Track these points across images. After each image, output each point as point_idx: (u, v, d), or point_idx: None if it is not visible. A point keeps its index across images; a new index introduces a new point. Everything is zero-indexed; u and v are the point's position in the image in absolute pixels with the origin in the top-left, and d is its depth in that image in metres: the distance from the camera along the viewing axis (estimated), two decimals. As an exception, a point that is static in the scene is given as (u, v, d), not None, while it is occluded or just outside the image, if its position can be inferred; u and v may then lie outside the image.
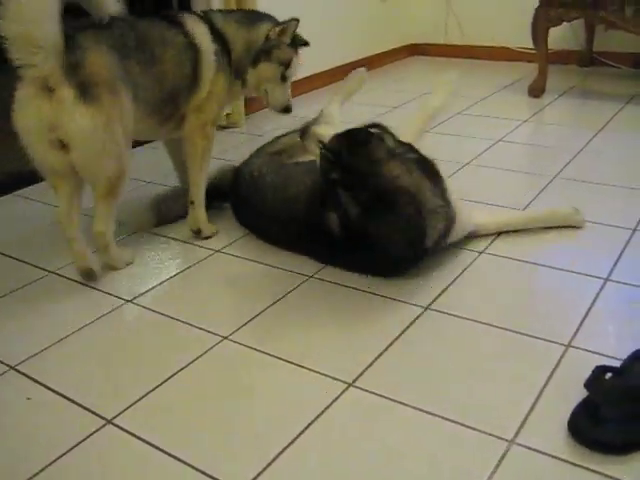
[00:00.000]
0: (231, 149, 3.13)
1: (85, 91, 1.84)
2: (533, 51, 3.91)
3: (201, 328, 1.79)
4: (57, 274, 2.13)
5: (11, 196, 2.83)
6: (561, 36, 4.26)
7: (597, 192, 2.48)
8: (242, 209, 2.34)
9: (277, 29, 2.29)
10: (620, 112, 3.41)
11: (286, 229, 2.13)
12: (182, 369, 1.62)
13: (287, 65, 2.33)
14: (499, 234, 2.18)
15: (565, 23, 3.73)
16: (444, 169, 2.01)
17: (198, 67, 2.19)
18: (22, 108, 1.86)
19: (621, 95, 3.70)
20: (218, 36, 2.25)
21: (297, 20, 2.30)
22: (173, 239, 2.32)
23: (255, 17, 2.37)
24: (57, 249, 2.29)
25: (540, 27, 3.70)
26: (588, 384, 1.39)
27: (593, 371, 1.41)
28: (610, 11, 3.45)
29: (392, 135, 1.92)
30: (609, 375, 1.41)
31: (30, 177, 2.89)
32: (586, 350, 1.58)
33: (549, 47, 3.78)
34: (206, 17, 2.29)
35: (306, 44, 2.39)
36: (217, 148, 3.18)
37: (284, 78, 2.35)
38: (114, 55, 1.93)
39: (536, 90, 3.80)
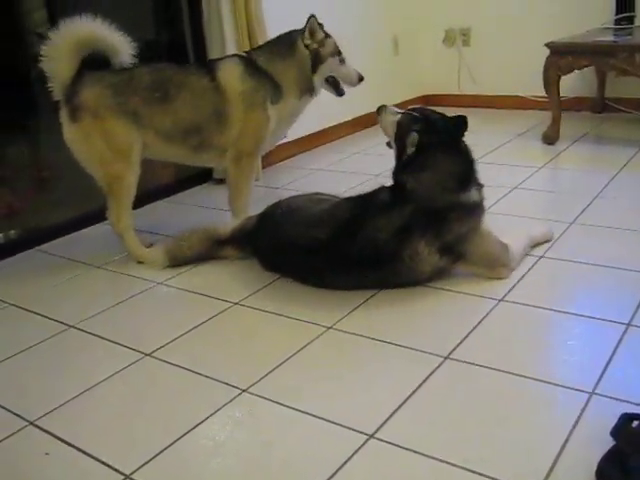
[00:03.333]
0: (251, 203, 3.13)
1: (73, 113, 2.46)
2: (546, 99, 3.93)
3: (219, 381, 1.77)
4: (76, 328, 2.13)
5: (33, 251, 2.86)
6: (573, 83, 4.29)
7: (615, 237, 2.46)
8: (267, 249, 2.37)
9: (306, 35, 2.57)
10: (634, 157, 3.40)
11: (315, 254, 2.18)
12: (201, 423, 1.60)
13: (338, 52, 2.69)
14: (518, 281, 2.16)
15: (576, 71, 3.76)
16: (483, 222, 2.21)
17: (224, 107, 2.54)
18: None
19: (635, 140, 3.70)
20: (260, 74, 2.55)
21: (312, 15, 2.58)
22: (191, 292, 2.32)
23: (286, 40, 2.63)
24: (77, 303, 2.31)
25: (551, 75, 3.73)
26: (615, 432, 1.35)
27: (619, 419, 1.38)
28: (620, 58, 3.47)
29: None
30: (636, 423, 1.37)
31: (51, 232, 2.96)
32: (611, 397, 1.55)
33: (561, 94, 3.80)
34: (248, 58, 2.58)
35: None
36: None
37: (342, 61, 2.72)
38: (107, 92, 2.47)
39: (550, 137, 3.81)
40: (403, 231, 2.08)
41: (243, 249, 2.48)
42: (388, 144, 2.33)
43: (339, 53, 2.71)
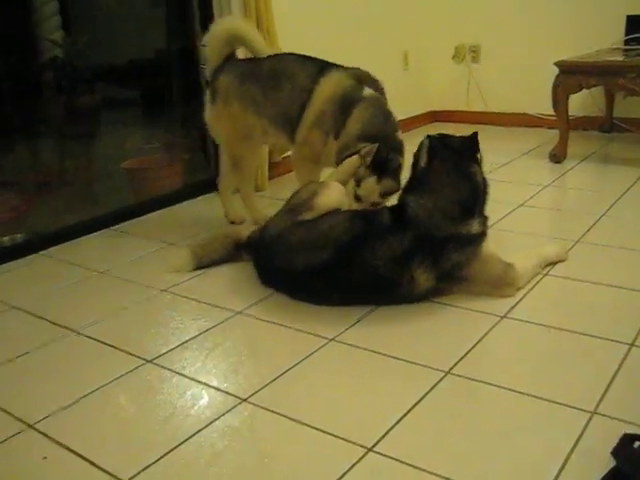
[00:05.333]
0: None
1: (212, 96, 2.84)
2: (554, 117, 3.94)
3: (219, 389, 1.77)
4: (77, 332, 2.13)
5: (38, 255, 2.87)
6: (581, 103, 4.30)
7: (620, 257, 2.46)
8: (267, 268, 2.36)
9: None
10: (642, 177, 3.40)
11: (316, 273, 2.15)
12: (200, 431, 1.60)
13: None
14: (521, 299, 2.15)
15: (585, 90, 3.77)
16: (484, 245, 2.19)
17: (304, 108, 2.64)
18: None
19: (643, 161, 3.71)
20: (346, 103, 2.56)
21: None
22: (195, 300, 2.32)
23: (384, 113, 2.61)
24: (80, 308, 2.31)
25: (560, 94, 3.74)
26: (616, 452, 1.34)
27: (621, 439, 1.37)
28: (628, 79, 3.48)
29: None
30: (637, 444, 1.36)
31: (56, 237, 2.97)
32: (612, 417, 1.54)
33: (570, 113, 3.81)
34: (358, 84, 2.60)
35: None
36: (240, 211, 3.24)
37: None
38: (236, 80, 2.77)
39: (557, 155, 3.81)
40: (402, 258, 2.07)
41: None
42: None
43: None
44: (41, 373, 1.92)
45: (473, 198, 2.16)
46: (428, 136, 2.20)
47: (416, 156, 2.22)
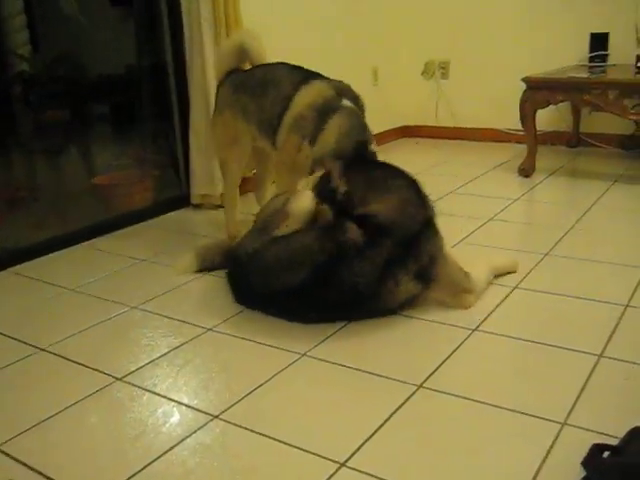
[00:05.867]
0: (224, 227, 3.14)
1: (214, 108, 3.01)
2: (522, 133, 3.99)
3: (190, 406, 1.75)
4: (46, 351, 2.10)
5: (6, 272, 2.82)
6: (549, 118, 4.37)
7: (588, 269, 2.49)
8: (242, 287, 2.34)
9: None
10: (608, 191, 3.46)
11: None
12: (170, 449, 1.58)
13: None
14: (492, 312, 2.17)
15: (552, 105, 3.83)
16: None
17: (283, 115, 2.64)
18: None
19: (608, 174, 3.77)
20: (325, 111, 2.55)
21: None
22: (165, 317, 2.30)
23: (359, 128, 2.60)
24: (49, 325, 2.27)
25: (528, 109, 3.80)
26: (586, 463, 1.35)
27: (590, 449, 1.38)
28: (594, 94, 3.54)
29: None
30: (607, 453, 1.38)
31: (26, 253, 2.93)
32: (582, 428, 1.55)
33: (537, 129, 3.86)
34: (338, 95, 2.60)
35: None
36: (213, 227, 3.24)
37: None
38: (230, 89, 2.89)
39: (526, 170, 3.86)
40: (384, 269, 2.06)
41: None
42: None
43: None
44: (8, 392, 1.89)
45: (413, 180, 2.27)
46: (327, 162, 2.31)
47: (328, 183, 2.24)
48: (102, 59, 4.61)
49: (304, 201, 2.27)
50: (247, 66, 2.98)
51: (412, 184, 2.25)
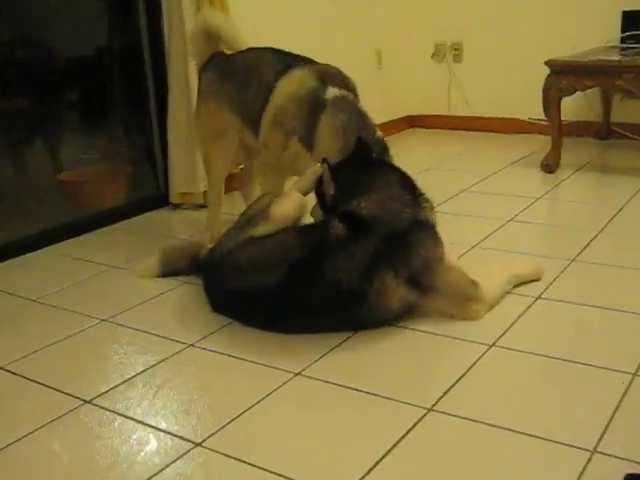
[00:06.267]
0: (206, 230, 3.14)
1: (197, 95, 3.05)
2: (545, 123, 4.00)
3: (169, 433, 1.75)
4: (4, 369, 2.09)
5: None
6: (575, 106, 4.37)
7: (620, 277, 2.49)
8: (216, 291, 2.36)
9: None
10: (643, 189, 3.47)
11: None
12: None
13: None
14: (511, 325, 2.17)
15: (579, 92, 3.84)
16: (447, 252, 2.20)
17: (263, 109, 2.67)
18: None
19: (643, 170, 3.78)
20: (312, 107, 2.54)
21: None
22: (140, 331, 2.30)
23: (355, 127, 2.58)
24: (8, 341, 2.27)
25: (552, 97, 3.80)
26: (618, 496, 1.35)
27: (623, 480, 1.38)
28: (627, 79, 3.55)
29: None
30: (641, 485, 1.38)
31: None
32: (614, 456, 1.55)
33: (563, 118, 3.87)
34: (321, 80, 2.59)
35: None
36: (194, 229, 3.24)
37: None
38: (214, 76, 2.92)
39: (549, 165, 3.87)
40: (369, 267, 2.10)
41: None
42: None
43: None
44: (-38, 417, 1.88)
45: (408, 179, 2.31)
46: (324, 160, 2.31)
47: (320, 177, 2.31)
48: (71, 42, 4.61)
49: (288, 206, 2.32)
50: (227, 50, 3.02)
51: (403, 181, 2.30)
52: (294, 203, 2.35)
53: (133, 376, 2.03)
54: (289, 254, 2.18)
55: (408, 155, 4.47)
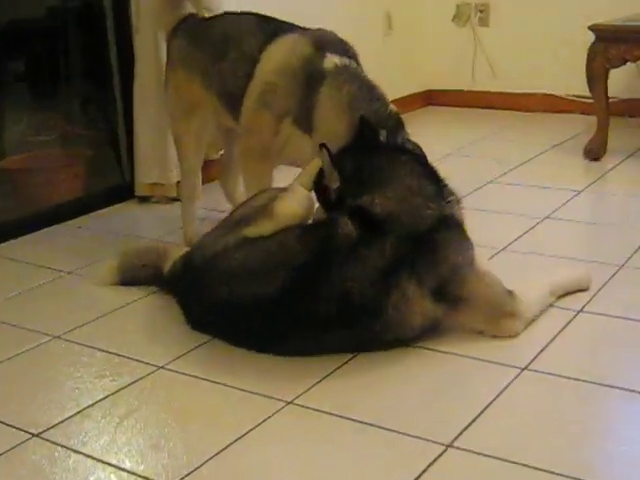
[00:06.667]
0: (180, 229, 3.14)
1: (166, 63, 3.10)
2: (589, 100, 4.00)
3: (135, 474, 1.75)
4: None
5: None
6: (625, 81, 4.37)
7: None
8: (198, 304, 2.35)
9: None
10: None
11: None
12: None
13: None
14: (547, 344, 2.17)
15: (630, 64, 3.84)
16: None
17: (246, 85, 2.69)
18: None
19: None
20: (308, 79, 2.56)
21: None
22: (100, 350, 2.30)
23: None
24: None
25: (597, 69, 3.81)
26: None
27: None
28: (688, 48, 3.56)
29: None
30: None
31: None
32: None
33: (610, 95, 3.87)
34: (315, 40, 2.62)
35: None
36: (165, 227, 3.24)
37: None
38: (184, 42, 2.94)
39: (594, 151, 3.87)
40: (386, 274, 2.09)
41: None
42: None
43: None
44: None
45: (430, 166, 2.32)
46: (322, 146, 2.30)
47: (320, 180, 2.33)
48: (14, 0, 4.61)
49: (295, 203, 2.32)
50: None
51: (423, 169, 2.30)
52: (302, 200, 2.35)
53: (91, 405, 2.03)
54: (290, 258, 2.17)
55: (424, 138, 4.40)
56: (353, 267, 2.10)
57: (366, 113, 2.45)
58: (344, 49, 2.64)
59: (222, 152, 3.32)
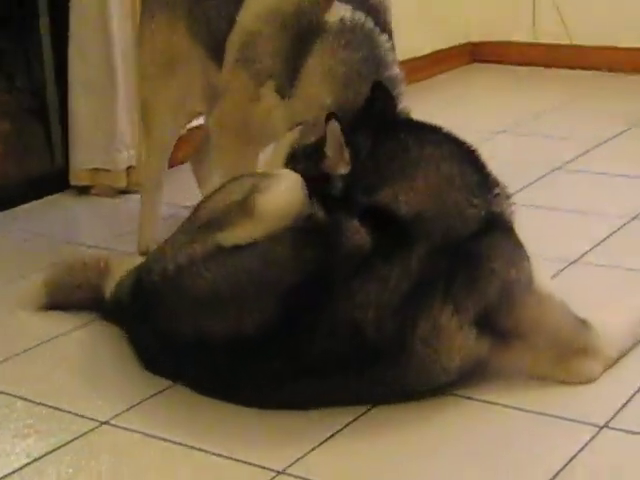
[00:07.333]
0: (131, 232, 3.16)
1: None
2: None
3: None
4: None
5: None
6: None
7: None
8: (154, 339, 2.36)
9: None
10: None
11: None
12: None
13: None
14: (635, 393, 2.18)
15: None
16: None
17: (226, 35, 2.74)
18: None
19: None
20: (302, 32, 2.57)
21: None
22: (21, 398, 2.31)
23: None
24: None
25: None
26: None
27: None
28: None
29: None
30: None
31: None
32: None
33: None
34: None
35: None
36: (109, 229, 3.25)
37: None
38: None
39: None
40: (412, 299, 2.08)
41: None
42: None
43: None
44: None
45: (470, 150, 2.30)
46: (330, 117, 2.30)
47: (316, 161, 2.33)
48: None
49: (284, 194, 2.26)
50: None
51: (462, 154, 2.29)
52: (293, 190, 2.28)
53: (9, 473, 2.04)
54: (277, 280, 2.15)
55: (466, 107, 4.48)
56: (366, 290, 2.08)
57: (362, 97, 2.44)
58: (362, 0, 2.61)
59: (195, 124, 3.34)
